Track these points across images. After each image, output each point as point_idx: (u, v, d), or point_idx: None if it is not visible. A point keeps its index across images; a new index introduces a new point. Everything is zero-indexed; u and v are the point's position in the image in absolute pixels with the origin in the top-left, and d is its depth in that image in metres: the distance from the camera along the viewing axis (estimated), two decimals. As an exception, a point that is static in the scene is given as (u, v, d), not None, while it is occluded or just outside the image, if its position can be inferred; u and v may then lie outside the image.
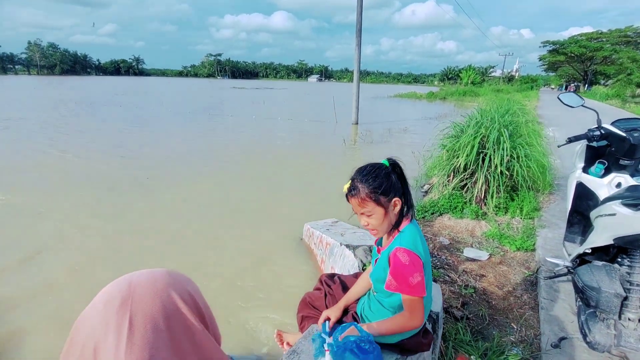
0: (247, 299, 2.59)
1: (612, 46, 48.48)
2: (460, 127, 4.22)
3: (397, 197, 1.13)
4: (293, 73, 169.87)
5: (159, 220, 3.96)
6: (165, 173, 5.83)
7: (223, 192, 5.01)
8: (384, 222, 1.15)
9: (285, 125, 12.00)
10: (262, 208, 4.42)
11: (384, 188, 1.11)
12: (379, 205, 1.12)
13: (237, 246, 3.41)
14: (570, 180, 2.32)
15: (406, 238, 1.13)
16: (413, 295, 1.07)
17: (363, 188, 1.13)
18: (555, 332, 1.92)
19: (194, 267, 3.03)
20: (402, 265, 1.07)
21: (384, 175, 1.12)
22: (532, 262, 2.85)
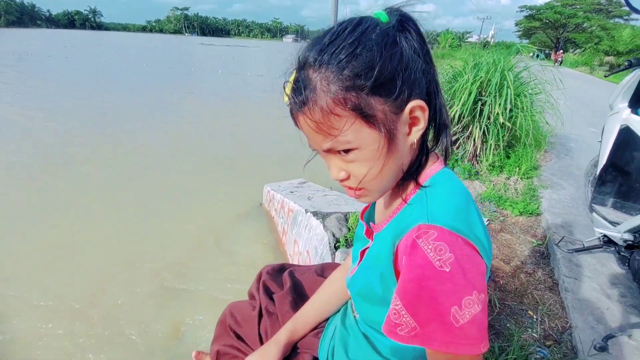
0: (189, 282, 1.95)
1: (585, 14, 48.81)
2: (455, 71, 3.57)
3: (416, 98, 0.45)
4: (267, 32, 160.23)
5: (92, 187, 3.14)
6: (102, 130, 4.86)
7: (171, 152, 4.18)
8: (385, 166, 0.47)
9: (255, 81, 10.90)
10: (218, 169, 3.68)
11: (382, 72, 0.42)
12: (368, 122, 0.44)
13: (184, 215, 2.72)
14: (608, 125, 1.76)
15: (442, 202, 0.46)
16: (458, 352, 0.41)
17: (324, 79, 0.43)
18: (591, 325, 1.42)
19: (129, 242, 2.32)
20: (433, 275, 0.41)
21: (381, 38, 0.43)
22: (538, 228, 2.37)
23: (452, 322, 0.41)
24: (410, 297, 0.43)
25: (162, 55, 20.53)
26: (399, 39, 0.44)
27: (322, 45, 0.45)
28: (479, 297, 0.41)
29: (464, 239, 0.43)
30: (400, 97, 0.44)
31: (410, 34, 0.45)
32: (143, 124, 5.25)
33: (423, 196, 0.48)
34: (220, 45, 45.20)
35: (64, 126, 4.77)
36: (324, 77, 0.43)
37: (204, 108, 6.62)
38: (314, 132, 0.46)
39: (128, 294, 1.89)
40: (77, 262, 2.11)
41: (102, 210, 2.70)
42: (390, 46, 0.43)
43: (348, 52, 0.42)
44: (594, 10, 50.05)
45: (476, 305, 0.41)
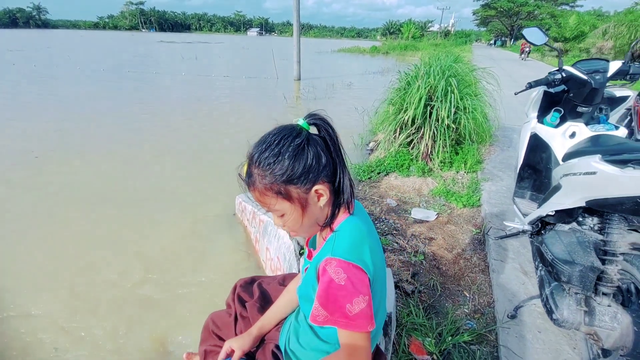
0: (161, 297, 2.12)
1: (535, 2, 51.52)
2: (407, 78, 3.89)
3: (321, 181, 0.71)
4: (230, 26, 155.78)
5: (51, 208, 3.16)
6: (60, 147, 4.77)
7: (136, 164, 4.22)
8: (303, 222, 0.74)
9: (220, 83, 10.77)
10: (189, 179, 3.79)
11: (294, 172, 0.68)
12: (288, 200, 0.71)
13: (154, 228, 2.83)
14: (523, 131, 2.11)
15: (342, 241, 0.72)
16: (353, 330, 0.68)
17: (259, 175, 0.70)
18: (509, 298, 1.78)
19: (95, 258, 2.42)
20: (335, 287, 0.68)
21: (294, 150, 0.68)
22: (479, 218, 2.74)
23: (347, 313, 0.67)
24: (322, 299, 0.70)
25: (119, 56, 19.54)
26: (308, 147, 0.69)
27: (261, 150, 0.71)
28: (364, 298, 0.68)
29: (354, 264, 0.69)
30: (307, 184, 0.70)
31: (320, 137, 0.70)
32: (108, 137, 5.18)
33: (333, 237, 0.75)
34: (182, 42, 43.51)
35: (22, 145, 4.64)
36: (258, 173, 0.70)
37: (170, 116, 6.57)
38: (258, 200, 0.73)
39: (106, 308, 2.02)
40: (50, 282, 2.20)
41: (72, 227, 2.77)
42: (299, 154, 0.68)
43: (273, 160, 0.69)
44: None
45: (362, 303, 0.68)
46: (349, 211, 0.77)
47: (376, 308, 0.73)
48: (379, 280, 0.76)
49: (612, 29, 17.06)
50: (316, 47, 40.17)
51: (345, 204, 0.76)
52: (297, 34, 11.87)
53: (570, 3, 52.54)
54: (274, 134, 0.71)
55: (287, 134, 0.69)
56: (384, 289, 0.84)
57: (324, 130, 0.71)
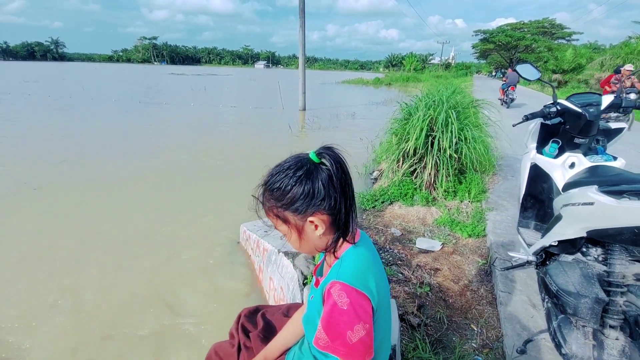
0: (164, 327, 2.09)
1: (532, 36, 53.52)
2: (409, 109, 4.01)
3: (320, 212, 0.75)
4: (238, 59, 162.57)
5: (58, 235, 3.20)
6: (62, 179, 4.89)
7: (146, 191, 4.30)
8: (301, 245, 0.80)
9: (228, 113, 11.12)
10: (195, 207, 3.84)
11: (291, 200, 0.74)
12: (286, 224, 0.78)
13: (158, 256, 2.84)
14: (523, 162, 2.15)
15: (347, 267, 0.75)
16: (349, 359, 0.70)
17: (266, 197, 0.78)
18: (518, 332, 1.73)
19: (102, 284, 2.42)
20: (337, 311, 0.70)
21: (294, 180, 0.73)
22: (485, 248, 2.72)
23: (347, 341, 0.68)
24: (325, 323, 0.71)
25: (131, 87, 20.37)
26: (308, 179, 0.74)
27: (271, 173, 0.77)
28: (364, 326, 0.69)
29: (357, 289, 0.71)
30: (302, 214, 0.75)
31: (322, 172, 0.75)
32: (114, 166, 5.31)
33: (338, 263, 0.78)
34: (191, 75, 45.35)
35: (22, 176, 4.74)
36: (266, 196, 0.78)
37: (177, 145, 6.74)
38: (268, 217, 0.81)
39: (111, 335, 2.00)
40: (61, 313, 2.19)
41: (82, 249, 2.78)
42: (298, 185, 0.73)
43: (277, 185, 0.75)
44: (540, 32, 55.02)
45: (362, 331, 0.69)
46: (354, 241, 0.79)
47: (380, 339, 0.73)
48: (383, 309, 0.78)
49: (608, 60, 17.53)
50: (321, 78, 41.56)
51: (348, 235, 0.78)
52: (303, 66, 12.38)
53: (566, 37, 54.51)
54: (287, 161, 0.77)
55: (294, 164, 0.75)
56: (388, 320, 0.85)
57: (330, 164, 0.75)
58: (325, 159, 0.76)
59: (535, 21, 57.48)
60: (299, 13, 12.02)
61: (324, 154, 0.76)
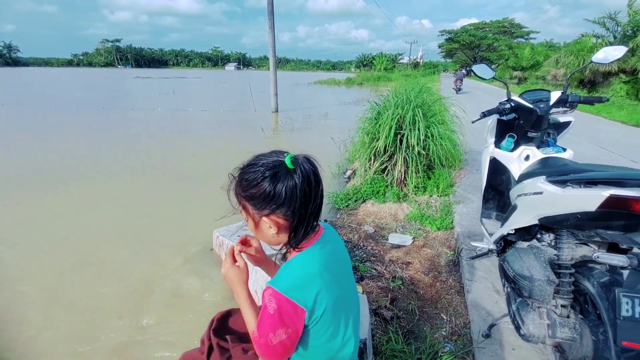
0: (135, 339, 2.02)
1: (494, 35, 56.17)
2: (378, 108, 4.10)
3: (276, 215, 0.79)
4: (208, 61, 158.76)
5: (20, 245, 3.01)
6: (24, 186, 4.61)
7: (113, 200, 4.12)
8: (257, 236, 0.88)
9: (198, 117, 10.85)
10: (164, 214, 3.72)
11: (252, 194, 0.78)
12: (246, 212, 0.83)
13: (127, 267, 2.74)
14: (483, 156, 2.26)
15: (287, 274, 0.79)
16: (268, 357, 0.79)
17: (237, 182, 0.83)
18: (483, 317, 1.83)
19: (67, 294, 2.30)
20: (265, 314, 0.76)
21: (261, 177, 0.77)
22: (453, 240, 2.84)
23: (269, 341, 0.75)
24: (257, 321, 0.79)
25: (93, 93, 19.36)
26: (275, 181, 0.76)
27: (248, 162, 0.82)
28: (286, 331, 0.75)
29: (287, 298, 0.74)
30: (261, 211, 0.79)
31: (291, 179, 0.76)
32: (74, 174, 5.05)
33: (283, 268, 0.82)
34: (158, 78, 43.75)
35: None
36: (236, 181, 0.82)
37: (144, 151, 6.50)
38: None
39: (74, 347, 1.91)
40: (34, 329, 2.07)
41: (48, 257, 2.63)
42: (262, 183, 0.76)
43: (246, 177, 0.79)
44: (501, 32, 57.88)
45: (283, 335, 0.75)
46: (312, 242, 0.82)
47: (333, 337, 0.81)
48: (339, 311, 0.83)
49: (563, 58, 18.69)
50: (293, 79, 41.49)
51: (304, 238, 0.81)
52: (274, 67, 12.31)
53: (524, 36, 57.69)
54: (267, 156, 0.80)
55: (269, 163, 0.78)
56: (350, 317, 0.88)
57: (300, 176, 0.77)
58: (299, 168, 0.78)
59: (496, 21, 60.43)
60: (268, 15, 11.94)
61: (299, 164, 0.78)
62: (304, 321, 0.77)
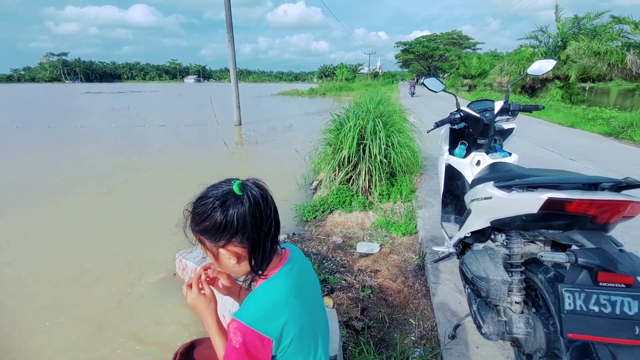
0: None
1: (445, 46, 59.97)
2: (340, 120, 4.20)
3: (233, 244, 0.79)
4: (165, 74, 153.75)
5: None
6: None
7: (65, 225, 3.81)
8: (220, 268, 0.87)
9: (156, 133, 10.40)
10: (122, 239, 3.50)
11: (206, 227, 0.78)
12: (204, 247, 0.83)
13: (84, 296, 2.53)
14: (439, 163, 2.38)
15: (252, 304, 0.78)
16: None
17: (190, 217, 0.82)
18: (449, 319, 1.90)
19: (27, 328, 2.06)
20: (230, 347, 0.74)
21: (214, 209, 0.77)
22: (417, 244, 2.94)
23: None
24: (223, 354, 0.78)
25: (37, 111, 17.92)
26: (225, 210, 0.76)
27: (198, 197, 0.81)
28: None
29: (253, 330, 0.73)
30: (217, 242, 0.78)
31: (241, 205, 0.76)
32: (28, 200, 4.63)
33: (248, 298, 0.80)
34: (111, 93, 41.44)
35: None
36: (190, 216, 0.81)
37: (96, 171, 6.10)
38: None
39: None
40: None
41: None
42: (213, 214, 0.76)
43: (197, 211, 0.79)
44: (451, 43, 61.96)
45: None
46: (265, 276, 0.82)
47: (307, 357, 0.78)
48: (307, 335, 0.82)
49: (506, 66, 20.32)
50: (256, 91, 41.25)
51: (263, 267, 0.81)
52: (235, 80, 12.18)
53: (471, 47, 62.15)
54: (216, 187, 0.80)
55: (218, 193, 0.78)
56: (319, 338, 0.88)
57: (249, 202, 0.77)
58: (246, 194, 0.77)
59: (446, 33, 64.65)
60: (227, 28, 11.86)
61: (247, 189, 0.78)
62: (272, 351, 0.76)
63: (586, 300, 0.97)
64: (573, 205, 1.10)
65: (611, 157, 5.67)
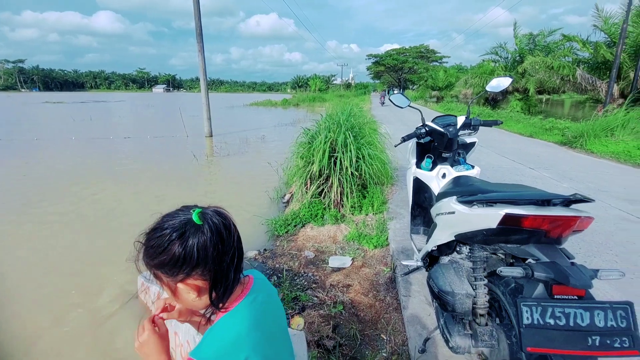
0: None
1: (413, 59, 62.48)
2: (312, 133, 4.20)
3: (193, 277, 0.73)
4: (132, 83, 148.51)
5: None
6: None
7: (22, 246, 3.51)
8: (180, 303, 0.81)
9: (121, 146, 9.93)
10: (83, 260, 3.27)
11: (162, 261, 0.71)
12: (161, 282, 0.76)
13: (42, 320, 2.32)
14: (407, 176, 2.43)
15: (209, 342, 0.73)
16: None
17: (143, 251, 0.74)
18: (419, 332, 1.91)
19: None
20: None
21: (171, 242, 0.70)
22: (389, 256, 2.96)
23: None
24: None
25: (-11, 121, 16.68)
26: (183, 242, 0.70)
27: (151, 228, 0.74)
28: None
29: None
30: (175, 277, 0.72)
31: (202, 235, 0.71)
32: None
33: (206, 334, 0.74)
34: (73, 102, 39.23)
35: None
36: (143, 251, 0.74)
37: (58, 188, 5.73)
38: None
39: None
40: None
41: None
42: (171, 250, 0.70)
43: (151, 244, 0.72)
44: (419, 56, 64.64)
45: None
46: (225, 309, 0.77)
47: None
48: None
49: (470, 79, 21.44)
50: (228, 101, 40.76)
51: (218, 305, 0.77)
52: (205, 91, 11.96)
53: (438, 60, 65.19)
54: (172, 217, 0.73)
55: (175, 224, 0.71)
56: None
57: (210, 232, 0.72)
58: (207, 223, 0.73)
59: (414, 47, 67.45)
60: (197, 37, 11.67)
61: (207, 218, 0.74)
62: None
63: (543, 313, 1.00)
64: (528, 220, 1.15)
65: (566, 165, 6.07)
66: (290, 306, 2.25)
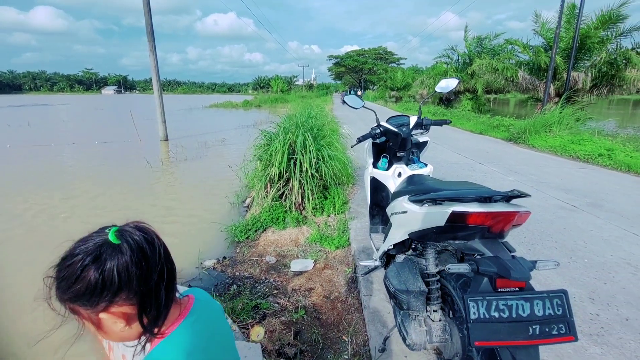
0: None
1: (372, 60, 64.19)
2: (270, 134, 4.12)
3: (117, 304, 0.65)
4: (78, 84, 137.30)
5: None
6: None
7: None
8: (106, 337, 0.69)
9: (64, 154, 9.11)
10: (23, 288, 2.94)
11: (77, 293, 0.62)
12: (80, 317, 0.66)
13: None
14: (365, 176, 2.45)
15: None
16: None
17: (54, 285, 0.64)
18: (380, 331, 1.93)
19: None
20: None
21: (84, 269, 0.62)
22: (350, 256, 2.97)
23: None
24: None
25: None
26: (98, 270, 0.62)
27: (61, 258, 0.64)
28: None
29: None
30: (95, 308, 0.64)
31: (122, 256, 0.64)
32: None
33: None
34: (7, 106, 35.40)
35: None
36: (54, 285, 0.64)
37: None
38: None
39: None
40: None
41: None
42: (85, 278, 0.62)
43: (61, 276, 0.63)
44: (378, 58, 66.59)
45: None
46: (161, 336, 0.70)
47: None
48: None
49: (425, 80, 22.43)
50: (186, 103, 39.13)
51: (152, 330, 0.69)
52: (159, 92, 11.34)
53: (396, 62, 67.61)
54: (84, 240, 0.65)
55: (89, 245, 0.64)
56: None
57: (131, 251, 0.65)
58: (125, 241, 0.65)
59: (373, 48, 69.38)
60: (148, 36, 11.04)
61: (125, 236, 0.66)
62: None
63: (488, 307, 1.03)
64: (472, 217, 1.19)
65: (512, 160, 6.53)
66: (250, 315, 2.18)
